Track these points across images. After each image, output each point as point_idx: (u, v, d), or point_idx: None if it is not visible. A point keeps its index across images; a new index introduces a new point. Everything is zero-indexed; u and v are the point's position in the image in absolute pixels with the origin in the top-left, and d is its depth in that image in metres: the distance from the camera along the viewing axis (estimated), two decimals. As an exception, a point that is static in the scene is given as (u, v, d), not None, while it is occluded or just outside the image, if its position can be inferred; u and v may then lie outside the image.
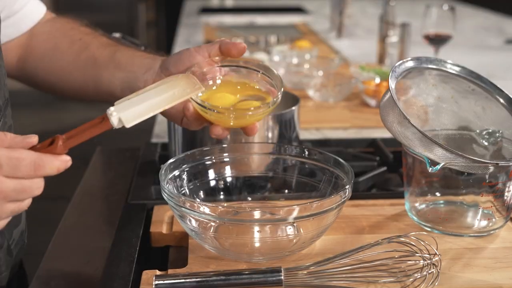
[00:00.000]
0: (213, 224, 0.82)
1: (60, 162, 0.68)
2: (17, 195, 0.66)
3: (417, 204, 0.96)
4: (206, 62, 0.84)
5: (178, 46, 2.51)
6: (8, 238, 0.91)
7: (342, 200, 0.81)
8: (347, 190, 0.82)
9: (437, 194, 0.96)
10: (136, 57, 0.91)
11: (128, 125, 0.70)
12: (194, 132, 1.13)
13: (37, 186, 0.68)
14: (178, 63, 0.85)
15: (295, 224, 0.84)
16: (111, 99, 0.88)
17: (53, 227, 1.02)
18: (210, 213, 0.79)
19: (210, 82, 0.84)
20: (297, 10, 3.59)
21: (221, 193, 0.95)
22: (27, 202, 0.69)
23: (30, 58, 1.01)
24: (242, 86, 0.85)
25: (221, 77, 0.85)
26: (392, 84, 0.90)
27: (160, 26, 5.71)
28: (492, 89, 0.98)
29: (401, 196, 1.00)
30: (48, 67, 1.00)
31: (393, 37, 2.02)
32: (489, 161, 0.85)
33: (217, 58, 0.84)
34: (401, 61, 0.95)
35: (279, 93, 0.81)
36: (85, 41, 0.98)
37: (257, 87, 0.85)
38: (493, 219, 0.91)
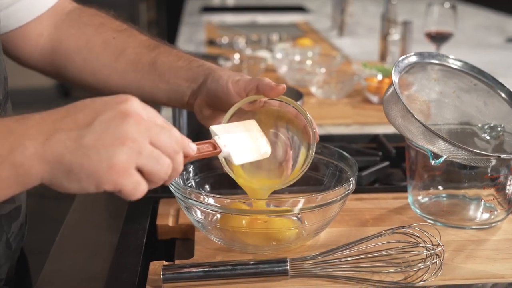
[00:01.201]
0: (219, 215, 0.83)
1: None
2: (152, 162, 0.63)
3: (420, 198, 0.97)
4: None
5: (181, 45, 2.52)
6: (7, 231, 0.91)
7: (346, 192, 0.83)
8: (351, 182, 0.84)
9: (440, 187, 0.97)
10: (179, 69, 0.91)
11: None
12: (199, 125, 1.14)
13: (178, 162, 0.66)
14: (215, 99, 0.86)
15: (299, 216, 0.85)
16: (155, 104, 0.87)
17: (55, 225, 1.02)
18: (215, 204, 0.80)
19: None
20: (299, 9, 3.60)
21: (227, 185, 0.96)
22: (144, 189, 0.64)
23: (58, 53, 0.99)
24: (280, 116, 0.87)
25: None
26: (395, 78, 0.91)
27: (161, 25, 5.72)
28: (494, 84, 0.99)
29: (403, 190, 1.01)
30: (81, 66, 0.98)
31: (395, 35, 2.03)
32: (491, 154, 0.86)
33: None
34: (404, 56, 0.96)
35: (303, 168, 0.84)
36: (119, 42, 0.96)
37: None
38: (495, 212, 0.92)
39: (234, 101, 0.85)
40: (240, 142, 0.80)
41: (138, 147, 0.61)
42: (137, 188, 0.63)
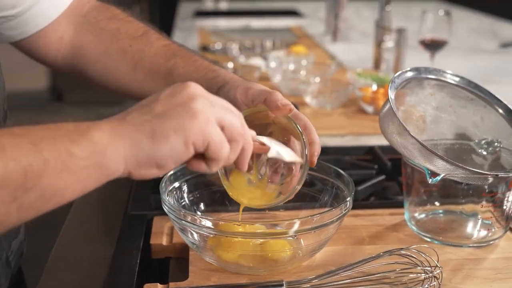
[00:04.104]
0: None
1: None
2: (227, 113, 0.65)
3: (416, 214, 0.96)
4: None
5: (174, 50, 2.50)
6: (6, 250, 0.91)
7: (343, 212, 0.82)
8: (348, 202, 0.83)
9: (437, 203, 0.96)
10: (195, 81, 0.90)
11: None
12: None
13: (248, 135, 0.68)
14: None
15: (295, 237, 0.84)
16: None
17: (51, 233, 1.01)
18: (211, 226, 0.79)
19: None
20: (292, 13, 3.59)
21: (221, 204, 0.95)
22: (227, 149, 0.65)
23: (79, 59, 0.98)
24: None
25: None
26: (391, 94, 0.90)
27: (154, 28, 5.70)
28: (490, 98, 0.98)
29: (400, 205, 1.00)
30: (101, 73, 0.98)
31: (389, 42, 2.02)
32: (488, 173, 0.85)
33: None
34: (400, 72, 0.95)
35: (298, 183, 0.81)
36: (136, 50, 0.95)
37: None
38: (493, 229, 0.91)
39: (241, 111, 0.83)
40: (277, 145, 0.79)
41: (208, 101, 0.63)
42: (222, 144, 0.63)
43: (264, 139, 0.76)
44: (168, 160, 0.62)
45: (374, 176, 1.15)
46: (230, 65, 1.90)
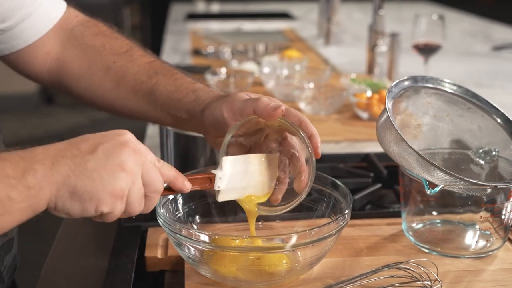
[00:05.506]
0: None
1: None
2: (137, 195, 0.69)
3: (414, 224, 0.95)
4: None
5: (166, 55, 2.49)
6: None
7: (342, 225, 0.80)
8: (346, 215, 0.81)
9: (434, 213, 0.95)
10: (176, 102, 0.90)
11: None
12: (186, 148, 1.12)
13: (152, 203, 0.72)
14: (217, 131, 0.85)
15: (293, 250, 0.82)
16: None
17: (44, 244, 1.00)
18: (207, 241, 0.77)
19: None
20: (284, 15, 3.58)
21: (217, 215, 0.94)
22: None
23: (64, 75, 0.98)
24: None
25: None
26: (389, 104, 0.89)
27: (145, 30, 5.68)
28: (488, 107, 0.98)
29: (397, 214, 0.99)
30: (86, 90, 0.97)
31: (383, 47, 2.01)
32: (488, 184, 0.85)
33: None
34: (397, 81, 0.94)
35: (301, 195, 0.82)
36: (119, 67, 0.95)
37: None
38: (491, 240, 0.90)
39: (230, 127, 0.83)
40: (238, 180, 0.81)
41: (133, 177, 0.68)
42: (119, 214, 0.70)
43: (219, 180, 0.80)
44: (78, 215, 0.67)
45: (370, 185, 1.13)
46: (223, 70, 1.88)
